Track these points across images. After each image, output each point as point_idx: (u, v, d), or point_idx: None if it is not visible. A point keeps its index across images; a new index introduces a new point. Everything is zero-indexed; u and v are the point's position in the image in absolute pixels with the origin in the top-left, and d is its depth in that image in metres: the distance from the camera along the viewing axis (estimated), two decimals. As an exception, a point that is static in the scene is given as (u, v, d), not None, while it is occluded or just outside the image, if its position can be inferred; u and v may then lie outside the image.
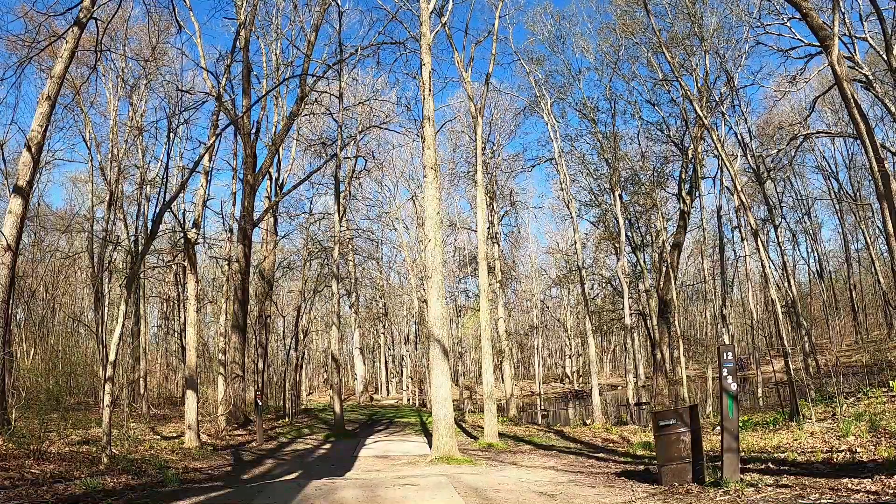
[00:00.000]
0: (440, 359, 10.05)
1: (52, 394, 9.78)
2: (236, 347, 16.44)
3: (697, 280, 31.55)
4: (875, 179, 10.51)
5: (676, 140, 21.49)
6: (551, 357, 53.11)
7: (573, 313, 40.00)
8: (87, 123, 20.26)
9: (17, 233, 8.71)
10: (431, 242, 10.43)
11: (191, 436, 11.13)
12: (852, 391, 11.23)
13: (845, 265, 33.94)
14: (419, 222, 24.23)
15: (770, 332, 32.08)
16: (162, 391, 23.19)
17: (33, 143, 8.94)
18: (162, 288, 27.89)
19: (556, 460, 9.50)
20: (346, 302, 31.89)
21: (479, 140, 15.28)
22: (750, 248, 22.36)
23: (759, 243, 14.19)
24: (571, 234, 24.44)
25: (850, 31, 15.44)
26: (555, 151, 20.94)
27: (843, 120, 24.44)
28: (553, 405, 33.45)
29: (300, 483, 6.49)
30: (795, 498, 4.65)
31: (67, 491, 5.97)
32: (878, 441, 6.73)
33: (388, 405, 32.19)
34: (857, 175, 29.88)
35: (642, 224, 24.35)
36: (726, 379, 5.56)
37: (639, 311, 24.03)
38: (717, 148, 14.87)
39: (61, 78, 9.35)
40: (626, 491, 5.90)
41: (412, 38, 14.04)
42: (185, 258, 14.17)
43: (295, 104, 18.19)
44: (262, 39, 20.02)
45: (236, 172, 19.26)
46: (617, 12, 19.54)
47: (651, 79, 20.49)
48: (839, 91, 9.81)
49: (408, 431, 15.95)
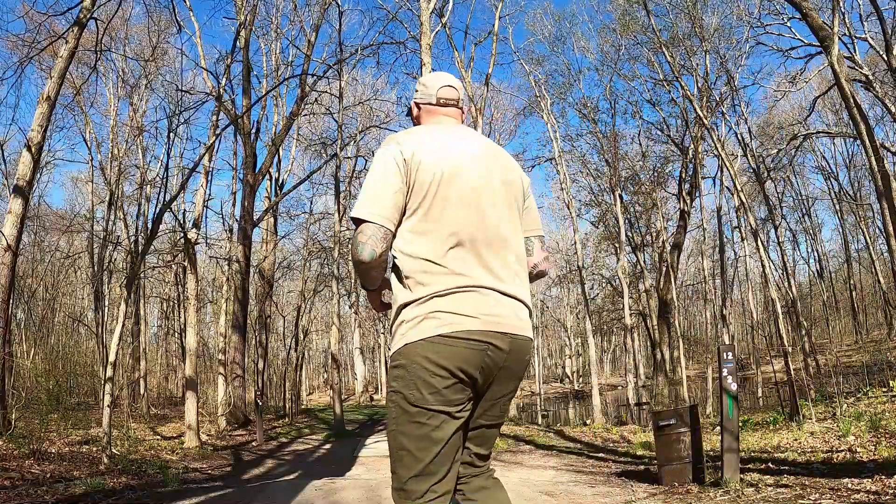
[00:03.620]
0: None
1: (53, 394, 9.78)
2: (236, 347, 16.43)
3: (697, 280, 31.55)
4: (875, 179, 10.53)
5: (677, 140, 21.49)
6: (551, 357, 53.12)
7: (573, 313, 40.00)
8: (88, 123, 20.28)
9: (17, 233, 8.71)
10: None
11: (191, 436, 11.14)
12: (852, 391, 11.22)
13: (845, 265, 33.93)
14: (419, 222, 24.17)
15: (770, 332, 32.08)
16: (162, 391, 23.19)
17: (33, 143, 8.94)
18: (162, 288, 27.90)
19: (557, 460, 9.51)
20: (346, 302, 31.87)
21: (479, 140, 15.27)
22: (750, 248, 22.40)
23: (759, 243, 14.20)
24: (571, 234, 24.44)
25: (850, 31, 15.46)
26: (555, 151, 20.95)
27: (843, 120, 24.43)
28: (553, 405, 33.45)
29: (300, 483, 6.49)
30: (795, 498, 4.65)
31: (67, 491, 5.97)
32: (878, 441, 6.73)
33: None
34: (857, 175, 29.88)
35: (642, 224, 24.35)
36: (726, 379, 5.56)
37: (639, 311, 24.03)
38: (717, 148, 14.88)
39: (61, 78, 9.35)
40: (627, 491, 5.90)
41: (412, 38, 14.06)
42: (185, 258, 14.18)
43: (295, 104, 18.20)
44: (262, 39, 20.05)
45: (236, 172, 19.26)
46: (617, 12, 19.56)
47: (651, 79, 20.52)
48: (839, 91, 9.81)
49: (408, 431, 15.93)
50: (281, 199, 21.31)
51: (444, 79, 1.89)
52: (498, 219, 1.67)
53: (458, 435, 1.58)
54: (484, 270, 1.60)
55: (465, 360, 1.52)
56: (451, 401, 1.53)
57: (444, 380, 1.52)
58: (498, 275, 1.61)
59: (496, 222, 1.66)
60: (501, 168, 1.76)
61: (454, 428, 1.56)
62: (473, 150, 1.74)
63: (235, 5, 16.65)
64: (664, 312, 21.03)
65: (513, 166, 1.81)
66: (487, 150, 1.78)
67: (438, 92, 1.86)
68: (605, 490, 6.03)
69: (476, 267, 1.59)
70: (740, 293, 32.67)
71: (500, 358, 1.57)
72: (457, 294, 1.55)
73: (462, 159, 1.69)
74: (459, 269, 1.57)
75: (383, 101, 22.42)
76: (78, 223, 22.56)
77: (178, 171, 18.92)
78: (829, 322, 33.92)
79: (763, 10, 17.34)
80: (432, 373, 1.52)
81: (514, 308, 1.62)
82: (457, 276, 1.57)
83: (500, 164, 1.76)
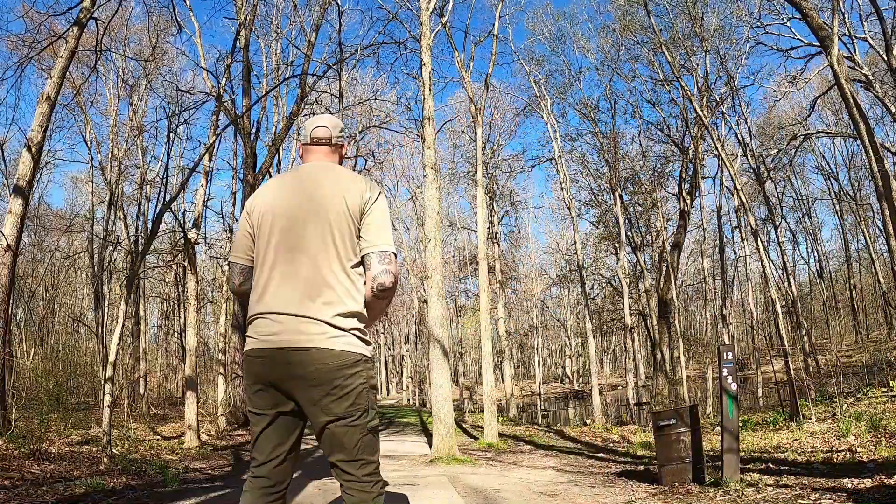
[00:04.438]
0: (440, 359, 10.05)
1: (53, 394, 9.78)
2: (236, 347, 16.44)
3: (697, 280, 31.56)
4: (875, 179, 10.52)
5: (677, 140, 21.49)
6: (551, 357, 53.13)
7: (573, 313, 40.00)
8: (88, 123, 20.27)
9: (17, 233, 8.70)
10: (431, 242, 10.43)
11: (191, 436, 11.13)
12: (852, 391, 11.22)
13: (845, 265, 33.93)
14: (419, 222, 24.22)
15: (770, 332, 32.10)
16: (162, 391, 23.18)
17: (33, 143, 8.94)
18: (162, 288, 27.91)
19: (557, 460, 9.51)
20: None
21: (479, 140, 15.28)
22: (750, 248, 22.40)
23: (759, 243, 14.20)
24: (571, 234, 24.45)
25: (850, 31, 15.45)
26: (555, 151, 20.95)
27: (843, 120, 24.44)
28: (553, 405, 33.46)
29: (300, 483, 6.49)
30: (795, 498, 4.65)
31: (67, 491, 5.97)
32: (878, 441, 6.73)
33: (388, 405, 32.23)
34: (857, 175, 29.89)
35: (642, 224, 24.35)
36: (726, 379, 5.55)
37: (639, 311, 24.03)
38: (717, 148, 14.88)
39: (61, 78, 9.34)
40: (627, 491, 5.90)
41: (412, 38, 14.04)
42: (185, 258, 14.17)
43: (295, 104, 18.18)
44: (262, 39, 20.04)
45: (236, 172, 19.27)
46: (617, 12, 19.56)
47: (651, 79, 20.51)
48: (839, 91, 9.81)
49: (408, 431, 15.95)
50: (281, 199, 21.28)
51: (317, 121, 2.22)
52: (302, 249, 1.96)
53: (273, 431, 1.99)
54: (274, 298, 1.94)
55: (256, 373, 1.95)
56: (256, 404, 1.99)
57: (250, 387, 2.00)
58: (288, 299, 1.92)
59: (299, 254, 1.96)
60: (321, 198, 2.00)
61: (264, 424, 1.99)
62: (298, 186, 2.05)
63: (235, 5, 16.64)
64: (664, 312, 21.03)
65: (337, 193, 2.00)
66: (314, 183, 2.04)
67: (312, 132, 2.19)
68: (605, 490, 6.02)
69: (272, 296, 1.95)
70: (740, 293, 32.68)
71: (280, 369, 1.90)
72: (254, 320, 1.99)
73: (281, 199, 2.04)
74: (259, 298, 1.98)
75: (383, 101, 22.41)
76: (78, 223, 22.57)
77: (178, 171, 18.93)
78: (829, 322, 33.93)
79: (763, 10, 17.35)
80: (245, 382, 2.03)
81: (297, 325, 1.90)
82: (256, 304, 1.99)
83: (320, 193, 2.00)
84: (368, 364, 1.99)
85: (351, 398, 1.91)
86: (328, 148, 2.19)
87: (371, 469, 1.98)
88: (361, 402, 1.94)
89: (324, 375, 1.88)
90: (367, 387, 1.97)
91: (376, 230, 2.00)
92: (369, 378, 1.98)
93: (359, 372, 1.93)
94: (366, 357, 1.98)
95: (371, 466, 1.98)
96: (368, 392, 1.97)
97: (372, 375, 2.00)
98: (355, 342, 1.95)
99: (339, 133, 2.21)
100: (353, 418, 1.92)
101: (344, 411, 1.91)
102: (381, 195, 2.05)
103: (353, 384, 1.91)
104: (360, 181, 2.05)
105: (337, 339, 1.91)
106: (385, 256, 1.98)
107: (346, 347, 1.92)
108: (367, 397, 1.96)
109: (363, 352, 1.97)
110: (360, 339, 1.97)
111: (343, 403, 1.91)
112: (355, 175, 2.09)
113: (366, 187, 2.02)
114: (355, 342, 1.95)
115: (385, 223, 2.03)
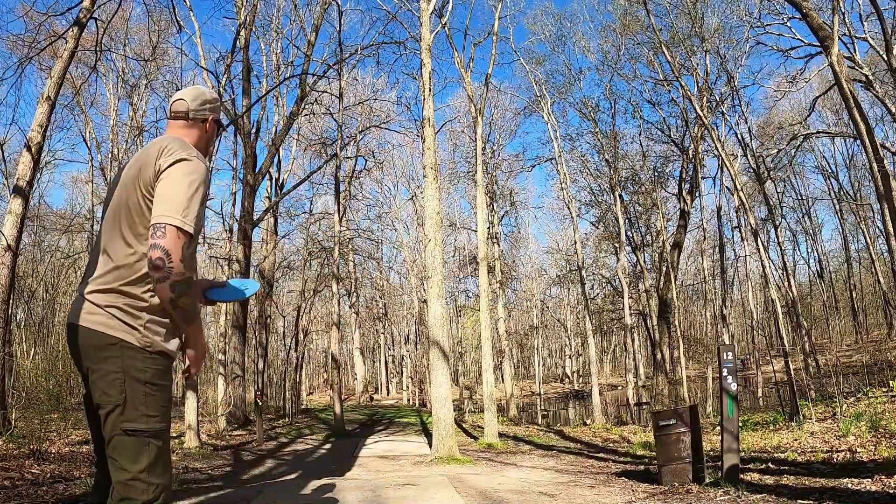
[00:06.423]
0: (440, 359, 10.05)
1: (53, 394, 9.78)
2: (236, 347, 16.45)
3: (697, 280, 31.57)
4: (875, 179, 10.53)
5: (677, 140, 21.50)
6: (551, 357, 53.12)
7: (573, 313, 40.01)
8: (88, 123, 20.29)
9: (17, 233, 8.71)
10: (431, 242, 10.43)
11: (191, 436, 11.13)
12: (852, 391, 11.23)
13: (845, 265, 33.95)
14: (419, 222, 24.24)
15: (770, 332, 32.09)
16: (162, 391, 23.15)
17: (33, 143, 8.94)
18: (162, 288, 27.81)
19: (557, 460, 9.51)
20: (347, 302, 31.90)
21: (479, 140, 15.28)
22: (750, 248, 22.39)
23: (759, 243, 14.20)
24: (571, 234, 24.44)
25: (850, 31, 15.45)
26: (555, 151, 20.95)
27: (843, 120, 24.46)
28: (553, 405, 33.45)
29: (300, 483, 6.49)
30: (795, 498, 4.65)
31: (67, 491, 5.97)
32: (878, 441, 6.73)
33: (388, 405, 32.23)
34: (857, 175, 29.91)
35: (642, 224, 24.36)
36: (726, 379, 5.56)
37: (639, 311, 24.04)
38: (717, 148, 14.88)
39: (61, 78, 9.35)
40: (627, 491, 5.90)
41: (412, 38, 14.05)
42: (185, 258, 14.14)
43: (295, 104, 18.19)
44: (262, 39, 20.05)
45: (236, 172, 19.25)
46: (617, 12, 19.57)
47: (652, 78, 20.54)
48: (839, 91, 9.81)
49: (408, 432, 15.95)
50: (281, 199, 21.31)
51: (179, 94, 2.12)
52: (103, 228, 1.94)
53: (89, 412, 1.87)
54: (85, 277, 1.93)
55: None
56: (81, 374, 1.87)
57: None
58: (86, 279, 1.90)
59: (103, 229, 1.93)
60: (129, 169, 1.92)
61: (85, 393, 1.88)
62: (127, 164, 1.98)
63: (235, 5, 16.66)
64: (664, 312, 21.03)
65: (144, 160, 1.88)
66: (133, 158, 1.96)
67: (170, 105, 2.11)
68: (606, 490, 6.02)
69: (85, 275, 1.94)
70: (740, 293, 32.68)
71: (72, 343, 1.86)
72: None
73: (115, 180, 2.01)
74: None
75: (383, 101, 22.46)
76: (78, 223, 22.57)
77: (178, 171, 18.87)
78: (829, 322, 33.94)
79: (763, 10, 17.36)
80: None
81: (77, 302, 1.88)
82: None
83: (134, 165, 1.91)
84: (131, 353, 1.77)
85: (102, 384, 1.75)
86: (184, 122, 2.05)
87: (124, 479, 1.70)
88: (112, 392, 1.74)
89: (85, 353, 1.80)
90: (128, 378, 1.75)
91: (159, 201, 1.79)
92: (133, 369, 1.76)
93: (111, 357, 1.75)
94: (125, 342, 1.77)
95: (123, 475, 1.70)
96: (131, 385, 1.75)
97: (141, 368, 1.78)
98: (112, 323, 1.77)
99: (198, 106, 2.05)
100: (105, 409, 1.75)
101: (98, 398, 1.76)
102: (180, 161, 1.83)
103: (103, 370, 1.76)
104: (166, 151, 1.85)
105: (91, 315, 1.79)
106: (159, 229, 1.75)
107: (96, 327, 1.78)
108: (122, 390, 1.74)
109: (120, 335, 1.77)
110: (121, 320, 1.78)
111: (96, 389, 1.77)
112: (170, 145, 1.88)
113: (164, 155, 1.84)
114: (112, 323, 1.77)
115: (172, 192, 1.79)
